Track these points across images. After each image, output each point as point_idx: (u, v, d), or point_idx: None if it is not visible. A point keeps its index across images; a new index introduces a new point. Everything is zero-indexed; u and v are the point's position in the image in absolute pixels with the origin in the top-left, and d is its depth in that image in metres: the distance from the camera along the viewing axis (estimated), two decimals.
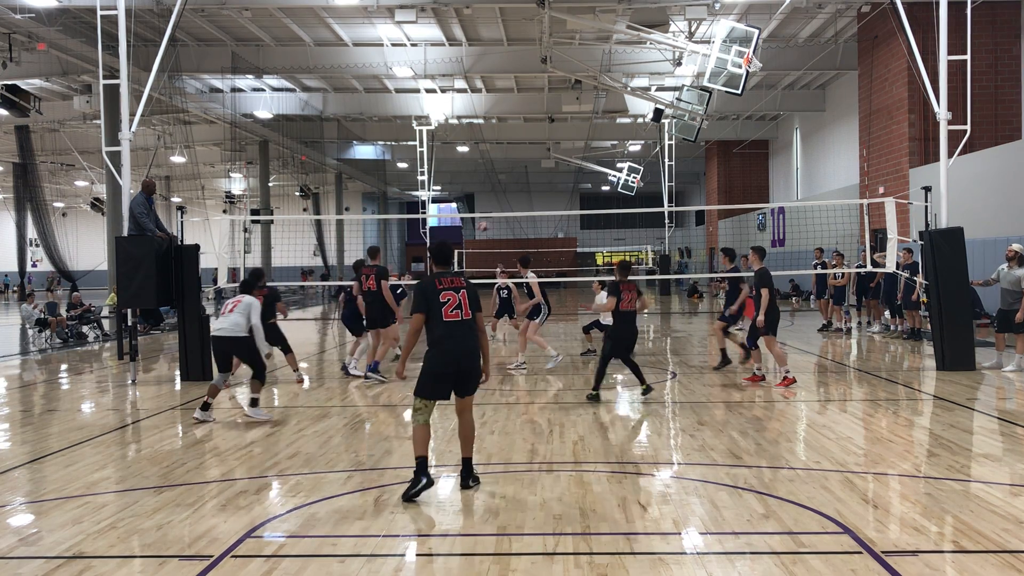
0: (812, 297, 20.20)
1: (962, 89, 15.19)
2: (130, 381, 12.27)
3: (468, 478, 6.30)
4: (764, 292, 10.62)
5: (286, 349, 12.54)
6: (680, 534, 5.22)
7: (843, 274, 17.65)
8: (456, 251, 44.91)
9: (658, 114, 27.62)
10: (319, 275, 45.29)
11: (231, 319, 9.13)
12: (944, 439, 7.69)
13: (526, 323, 13.27)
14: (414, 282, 10.37)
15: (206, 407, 9.22)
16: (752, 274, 11.44)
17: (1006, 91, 21.83)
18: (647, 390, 10.04)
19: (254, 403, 9.32)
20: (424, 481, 5.98)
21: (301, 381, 12.12)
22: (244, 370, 10.22)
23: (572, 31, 23.37)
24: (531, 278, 13.18)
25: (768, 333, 10.80)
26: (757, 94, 30.91)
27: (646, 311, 11.83)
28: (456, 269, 8.67)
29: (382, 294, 11.60)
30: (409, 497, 5.95)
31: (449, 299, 6.13)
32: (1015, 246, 12.15)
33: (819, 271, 18.17)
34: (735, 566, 4.67)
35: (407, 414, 8.48)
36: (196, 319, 12.44)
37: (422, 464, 6.02)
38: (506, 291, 14.93)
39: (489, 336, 14.16)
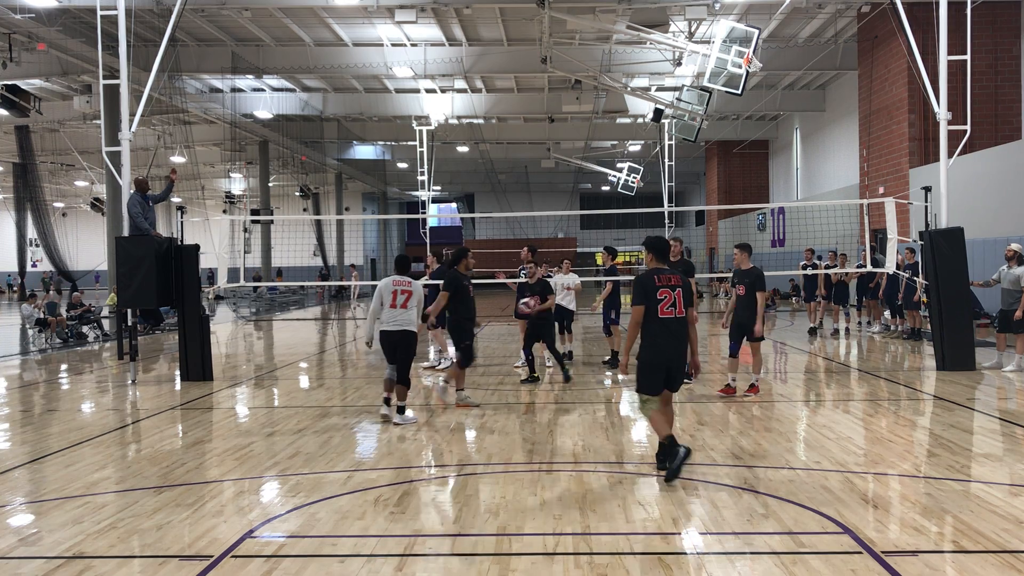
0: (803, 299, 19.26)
1: (962, 89, 15.20)
2: (130, 381, 12.27)
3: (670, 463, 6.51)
4: (760, 296, 9.88)
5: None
6: (680, 534, 5.22)
7: (846, 273, 17.55)
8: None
9: (658, 114, 27.60)
10: (319, 275, 45.29)
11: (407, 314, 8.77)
12: (944, 439, 7.69)
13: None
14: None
15: (402, 410, 8.88)
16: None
17: (1006, 91, 21.83)
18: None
19: (401, 411, 8.86)
20: (682, 453, 6.31)
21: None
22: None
23: (572, 31, 23.37)
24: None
25: (760, 339, 10.13)
26: (757, 94, 30.91)
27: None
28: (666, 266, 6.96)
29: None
30: (672, 473, 6.25)
31: (666, 296, 6.49)
32: (1014, 245, 12.19)
33: (809, 272, 17.99)
34: (735, 566, 4.67)
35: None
36: (196, 319, 12.44)
37: (672, 441, 6.40)
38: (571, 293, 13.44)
39: (565, 349, 13.30)
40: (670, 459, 6.34)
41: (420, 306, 8.92)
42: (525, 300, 11.55)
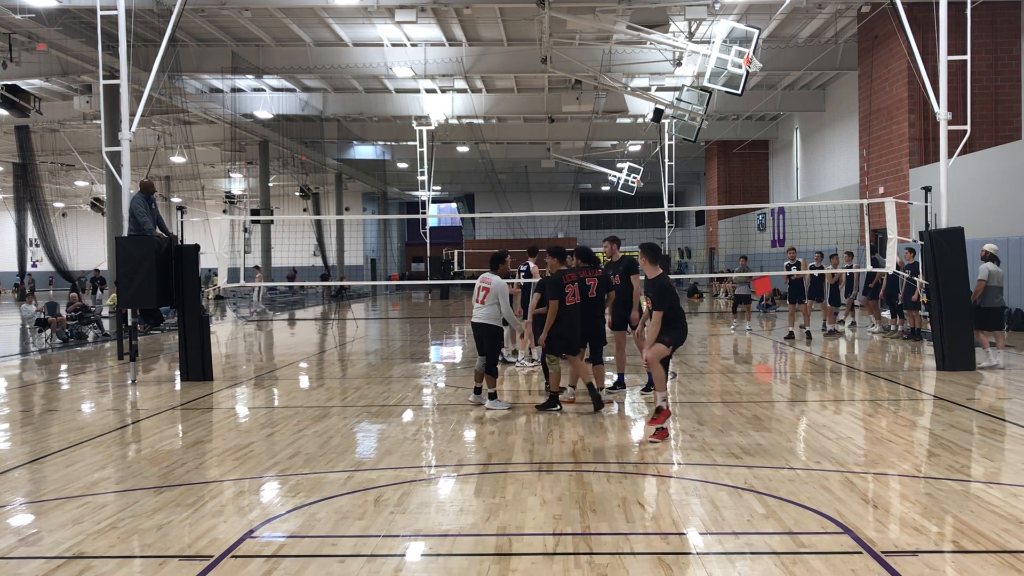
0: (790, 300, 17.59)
1: (962, 89, 15.20)
2: (130, 381, 12.28)
3: (596, 400, 9.28)
4: (656, 314, 7.92)
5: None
6: (680, 534, 5.22)
7: (831, 274, 17.19)
8: (456, 251, 45.06)
9: (658, 114, 27.62)
10: (319, 275, 45.30)
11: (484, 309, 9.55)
12: (944, 439, 7.69)
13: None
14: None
15: (492, 396, 9.65)
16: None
17: (1006, 91, 21.83)
18: None
19: (493, 396, 9.63)
20: (556, 407, 9.25)
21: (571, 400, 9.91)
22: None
23: (572, 31, 23.38)
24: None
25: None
26: (757, 94, 30.92)
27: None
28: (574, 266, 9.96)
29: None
30: (539, 409, 9.29)
31: (570, 291, 9.19)
32: (986, 246, 12.48)
33: (793, 272, 16.90)
34: (735, 566, 4.67)
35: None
36: (196, 319, 12.44)
37: (554, 397, 9.31)
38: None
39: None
40: (547, 404, 9.27)
41: (503, 302, 9.45)
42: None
